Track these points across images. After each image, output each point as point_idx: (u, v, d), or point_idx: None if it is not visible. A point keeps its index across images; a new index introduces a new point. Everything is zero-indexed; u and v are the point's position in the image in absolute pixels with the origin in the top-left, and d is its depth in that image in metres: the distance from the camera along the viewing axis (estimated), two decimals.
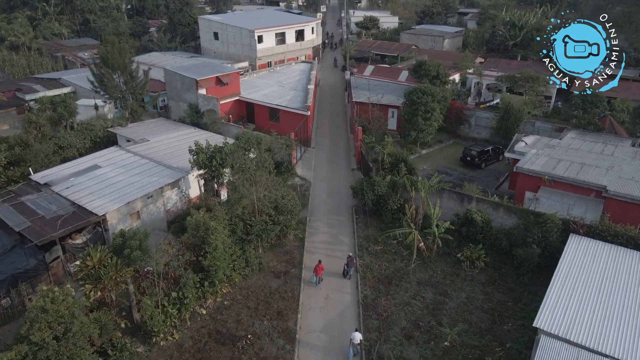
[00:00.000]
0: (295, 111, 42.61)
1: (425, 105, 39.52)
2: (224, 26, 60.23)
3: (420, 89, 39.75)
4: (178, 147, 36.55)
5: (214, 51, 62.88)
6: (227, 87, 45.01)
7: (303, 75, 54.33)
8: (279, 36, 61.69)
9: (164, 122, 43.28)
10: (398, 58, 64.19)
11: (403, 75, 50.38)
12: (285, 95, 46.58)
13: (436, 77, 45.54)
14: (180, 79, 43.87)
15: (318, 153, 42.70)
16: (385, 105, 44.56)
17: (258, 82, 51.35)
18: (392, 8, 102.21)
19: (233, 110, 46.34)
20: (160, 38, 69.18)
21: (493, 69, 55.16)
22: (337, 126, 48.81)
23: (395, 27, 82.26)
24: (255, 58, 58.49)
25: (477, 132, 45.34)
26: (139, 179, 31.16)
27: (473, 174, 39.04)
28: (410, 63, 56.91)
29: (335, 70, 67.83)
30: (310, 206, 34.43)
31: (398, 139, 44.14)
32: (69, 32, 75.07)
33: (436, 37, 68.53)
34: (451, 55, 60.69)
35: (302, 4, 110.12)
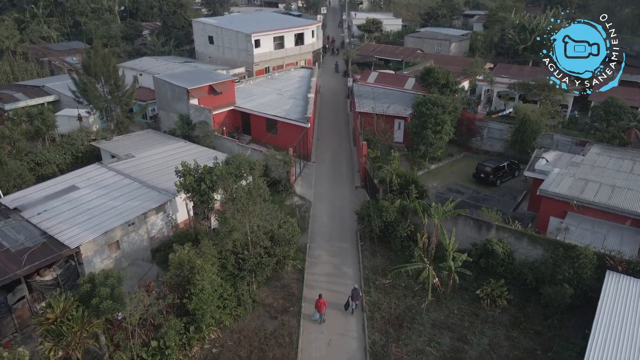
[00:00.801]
0: (294, 123, 39.46)
1: (436, 117, 36.36)
2: (219, 30, 57.07)
3: (430, 100, 36.59)
4: (166, 165, 33.40)
5: (209, 56, 59.71)
6: (221, 96, 41.87)
7: (303, 82, 51.17)
8: (277, 40, 58.55)
9: (152, 135, 40.11)
10: (403, 63, 61.02)
11: (409, 83, 47.20)
12: (283, 105, 43.43)
13: (445, 86, 42.38)
14: (171, 88, 40.71)
15: (319, 168, 39.52)
16: (391, 116, 41.39)
17: (255, 90, 48.20)
18: (395, 10, 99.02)
19: (227, 120, 43.20)
20: (153, 42, 65.99)
21: (504, 76, 52.04)
22: (339, 137, 45.63)
23: (399, 29, 79.09)
24: (252, 63, 55.33)
25: (489, 145, 42.18)
26: (120, 202, 27.99)
27: (487, 192, 35.88)
28: (416, 69, 53.73)
29: (336, 75, 64.65)
30: (311, 230, 31.26)
31: (405, 152, 40.99)
32: (59, 35, 71.90)
33: (442, 41, 65.37)
34: (459, 61, 57.52)
35: (302, 6, 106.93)
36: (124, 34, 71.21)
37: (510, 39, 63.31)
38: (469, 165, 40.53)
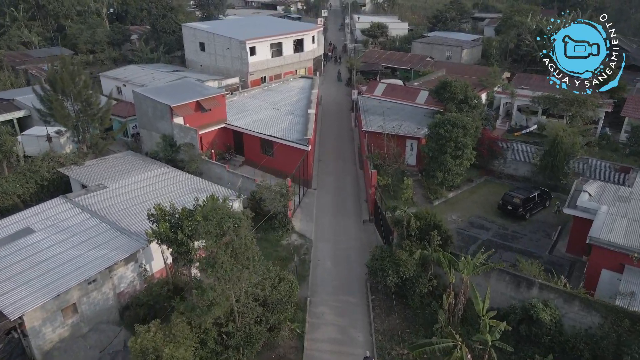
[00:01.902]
0: (292, 145, 34.57)
1: (456, 140, 31.49)
2: (210, 36, 52.17)
3: (449, 121, 31.70)
4: (143, 198, 28.54)
5: (200, 64, 54.82)
6: (210, 113, 36.98)
7: (302, 94, 46.28)
8: (274, 47, 53.68)
9: (131, 158, 35.15)
10: (411, 72, 56.15)
11: (422, 96, 42.31)
12: (280, 122, 38.54)
13: (464, 101, 37.50)
14: (152, 104, 35.81)
15: (321, 196, 34.62)
16: (403, 136, 36.49)
17: (249, 104, 43.30)
18: (400, 12, 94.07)
19: (218, 140, 38.33)
20: (141, 48, 61.08)
21: (525, 87, 47.13)
22: (344, 158, 40.74)
23: (405, 34, 74.22)
24: (246, 73, 50.43)
25: (514, 169, 37.29)
26: (82, 251, 23.07)
27: (516, 228, 31.01)
28: (428, 80, 48.85)
29: (339, 84, 59.81)
30: (312, 279, 26.36)
31: (418, 177, 36.11)
32: (40, 40, 66.97)
33: (453, 47, 60.47)
34: (474, 70, 52.64)
35: (302, 8, 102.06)
36: (110, 39, 66.27)
37: (527, 45, 58.45)
38: (492, 192, 35.69)
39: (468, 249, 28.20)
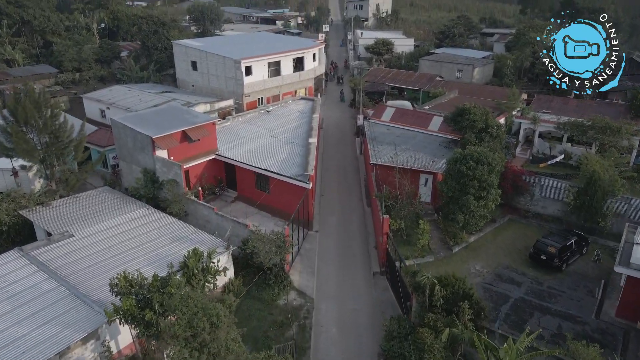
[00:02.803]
0: (291, 182, 30.26)
1: (480, 179, 27.16)
2: (203, 54, 48.14)
3: (471, 156, 27.40)
4: (114, 250, 24.24)
5: (192, 84, 50.75)
6: (199, 143, 32.75)
7: (302, 118, 42.09)
8: (272, 66, 49.64)
9: (107, 197, 30.82)
10: (420, 92, 52.07)
11: (435, 123, 38.10)
12: (278, 153, 34.27)
13: (484, 130, 33.26)
14: (132, 134, 31.55)
15: (323, 241, 30.18)
16: (416, 171, 32.17)
17: (244, 130, 39.08)
18: (404, 27, 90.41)
19: (207, 173, 34.07)
20: (130, 66, 57.07)
21: (546, 111, 42.95)
22: (349, 192, 36.40)
23: (411, 50, 70.34)
24: (241, 95, 46.30)
25: (542, 207, 32.92)
26: (27, 330, 18.63)
27: (552, 282, 26.53)
28: (439, 102, 44.71)
29: (341, 105, 55.73)
30: (313, 352, 21.82)
31: (434, 217, 31.71)
32: (25, 57, 63.03)
33: (464, 66, 56.45)
34: (488, 91, 48.52)
35: (302, 23, 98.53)
36: (98, 56, 62.31)
37: (543, 63, 54.24)
38: (518, 234, 31.29)
39: (499, 311, 23.75)
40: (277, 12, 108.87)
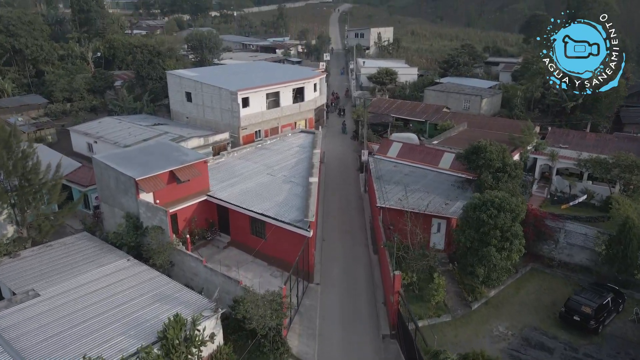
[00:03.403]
0: (290, 228, 27.18)
1: (502, 229, 24.10)
2: (198, 85, 45.68)
3: (492, 203, 24.40)
4: (84, 315, 21.06)
5: (187, 116, 48.15)
6: (188, 184, 29.77)
7: (302, 153, 39.28)
8: (271, 97, 47.13)
9: (85, 245, 27.67)
10: (426, 124, 49.47)
11: (446, 160, 35.22)
12: (275, 194, 31.27)
13: (502, 170, 30.34)
14: (115, 175, 28.61)
15: (326, 296, 26.86)
16: (428, 215, 29.08)
17: (239, 167, 36.19)
18: (407, 56, 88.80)
19: (198, 215, 31.00)
20: (122, 96, 54.66)
21: (563, 145, 40.20)
22: (353, 236, 33.24)
23: (415, 79, 68.21)
24: (238, 127, 43.61)
25: (567, 255, 29.71)
26: None
27: (589, 349, 23.20)
28: (449, 137, 41.98)
29: (344, 138, 53.07)
30: None
31: (449, 268, 28.45)
32: (15, 87, 60.74)
33: (472, 96, 54.04)
34: (500, 124, 45.88)
35: (302, 51, 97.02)
36: (90, 86, 60.00)
37: (555, 94, 51.99)
38: (544, 287, 28.07)
39: None
40: (277, 41, 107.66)
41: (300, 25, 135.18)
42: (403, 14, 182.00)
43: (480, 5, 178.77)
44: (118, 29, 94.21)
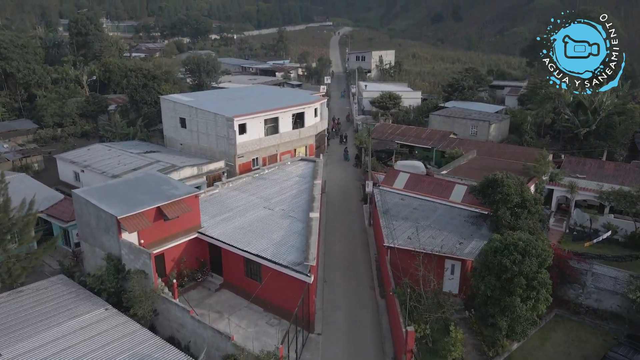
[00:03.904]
0: (288, 273, 24.42)
1: (528, 276, 21.36)
2: (192, 110, 43.45)
3: (516, 246, 21.70)
4: None
5: (181, 142, 45.78)
6: (177, 220, 27.12)
7: (302, 184, 36.73)
8: (269, 123, 44.88)
9: (59, 291, 24.87)
10: (433, 151, 47.07)
11: (458, 192, 32.63)
12: (273, 231, 28.60)
13: (521, 205, 27.72)
14: (95, 211, 25.98)
15: (328, 351, 23.88)
16: (441, 256, 26.33)
17: (234, 200, 33.56)
18: (409, 79, 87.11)
19: (187, 255, 28.27)
20: (115, 122, 52.48)
21: (580, 176, 37.70)
22: (357, 277, 30.41)
23: (418, 103, 66.18)
24: (234, 156, 41.18)
25: (596, 300, 26.84)
26: None
27: None
28: (458, 165, 39.49)
29: (346, 165, 50.60)
30: None
31: (465, 315, 25.57)
32: (5, 111, 58.63)
33: (479, 122, 51.81)
34: (511, 151, 43.45)
35: (302, 74, 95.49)
36: (83, 111, 57.87)
37: (566, 120, 49.77)
38: (570, 337, 25.20)
39: None
40: (277, 64, 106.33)
41: (301, 48, 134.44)
42: (403, 37, 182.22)
43: (479, 28, 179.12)
44: (116, 52, 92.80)
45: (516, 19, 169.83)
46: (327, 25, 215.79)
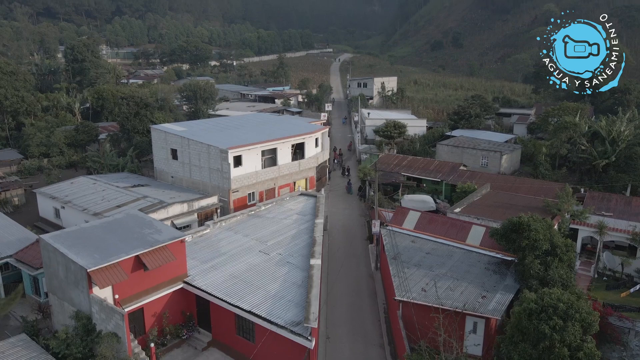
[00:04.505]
0: (285, 335, 20.91)
1: (571, 346, 17.86)
2: (184, 141, 40.53)
3: (555, 309, 18.29)
4: None
5: (172, 175, 42.70)
6: (160, 270, 23.75)
7: (302, 223, 33.49)
8: (267, 154, 41.96)
9: (18, 357, 21.25)
10: (442, 184, 43.93)
11: (475, 235, 29.32)
12: (269, 281, 25.21)
13: (551, 252, 24.38)
14: (64, 262, 22.63)
15: None
16: (461, 313, 22.83)
17: (226, 242, 30.22)
18: (412, 106, 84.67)
19: (171, 309, 24.79)
20: (104, 152, 49.55)
21: (606, 214, 34.43)
22: (364, 333, 26.77)
23: (423, 132, 63.42)
24: (228, 190, 38.06)
25: None
26: None
27: None
28: (472, 202, 36.26)
29: (348, 199, 47.36)
30: None
31: None
32: None
33: (490, 152, 48.85)
34: (527, 186, 40.30)
35: (302, 101, 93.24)
36: (71, 140, 55.02)
37: (583, 151, 46.80)
38: None
39: None
40: (276, 90, 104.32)
41: (301, 74, 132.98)
42: (403, 63, 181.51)
43: (480, 55, 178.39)
44: (111, 79, 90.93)
45: (517, 45, 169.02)
46: (328, 52, 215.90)
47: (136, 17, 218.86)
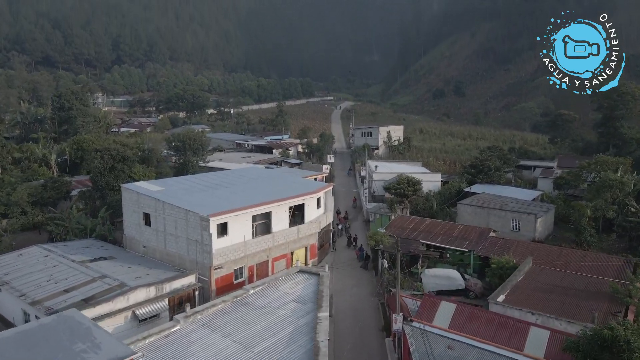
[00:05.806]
0: None
1: None
2: (159, 204, 33.46)
3: None
4: None
5: (144, 244, 35.32)
6: None
7: (301, 316, 25.81)
8: (259, 219, 34.83)
9: None
10: (471, 255, 36.40)
11: (536, 341, 21.56)
12: None
13: None
14: None
15: None
16: None
17: (198, 346, 22.48)
18: (422, 157, 78.26)
19: None
20: (69, 213, 42.32)
21: None
22: None
23: (438, 187, 56.50)
24: (209, 267, 30.57)
25: None
26: None
27: None
28: (515, 283, 28.55)
29: (357, 273, 39.57)
30: None
31: None
32: None
33: (522, 214, 41.54)
34: (578, 261, 32.72)
35: (302, 151, 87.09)
36: (37, 198, 47.95)
37: (632, 213, 39.64)
38: None
39: None
40: (274, 139, 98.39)
41: (301, 122, 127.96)
42: (405, 111, 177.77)
43: (483, 104, 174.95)
44: (99, 128, 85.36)
45: (521, 94, 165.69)
46: (328, 100, 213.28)
47: (136, 66, 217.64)
